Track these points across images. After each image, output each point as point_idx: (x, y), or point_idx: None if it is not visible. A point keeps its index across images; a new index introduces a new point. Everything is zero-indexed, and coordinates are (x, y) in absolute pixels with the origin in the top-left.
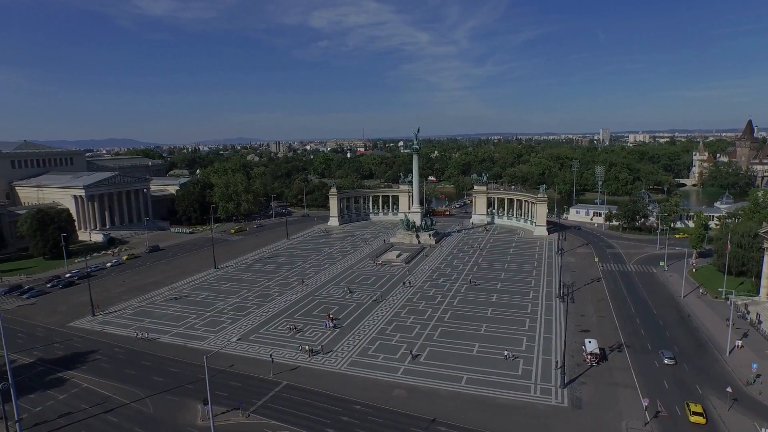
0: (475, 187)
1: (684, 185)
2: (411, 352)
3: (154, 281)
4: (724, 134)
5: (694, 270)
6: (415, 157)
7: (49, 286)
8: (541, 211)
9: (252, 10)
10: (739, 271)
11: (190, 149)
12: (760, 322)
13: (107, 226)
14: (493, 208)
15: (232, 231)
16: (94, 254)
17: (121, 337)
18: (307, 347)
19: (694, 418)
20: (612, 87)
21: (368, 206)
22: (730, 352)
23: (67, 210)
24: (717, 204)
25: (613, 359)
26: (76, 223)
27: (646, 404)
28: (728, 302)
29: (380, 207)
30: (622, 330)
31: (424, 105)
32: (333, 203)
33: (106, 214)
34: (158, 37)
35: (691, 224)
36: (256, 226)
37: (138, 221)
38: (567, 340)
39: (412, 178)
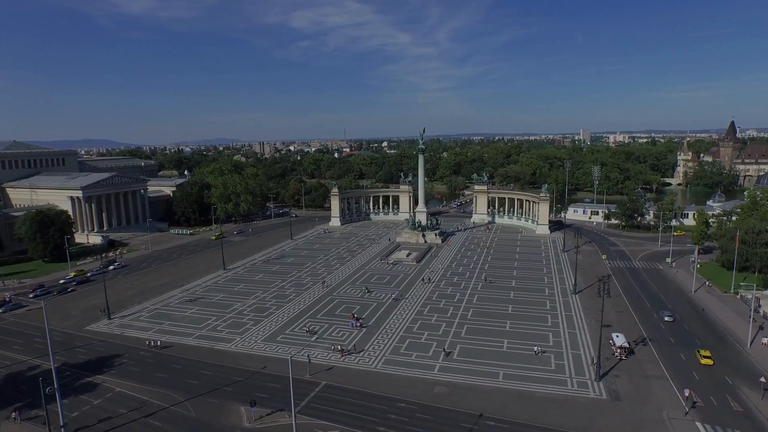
0: (476, 187)
1: (669, 184)
2: (444, 349)
3: (164, 283)
4: (698, 135)
5: (698, 266)
6: (420, 157)
7: (31, 296)
8: (544, 210)
9: (232, 9)
10: (742, 266)
11: (172, 150)
12: None
13: (105, 228)
14: (493, 208)
15: (213, 238)
16: (96, 257)
17: (143, 340)
18: (339, 347)
19: (704, 361)
20: (589, 88)
21: (369, 206)
22: (751, 344)
23: (67, 212)
24: (710, 202)
25: (639, 352)
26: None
27: (687, 394)
28: (738, 296)
29: (380, 207)
30: (642, 324)
31: (405, 105)
32: (334, 203)
33: (104, 215)
34: (136, 36)
35: (686, 222)
36: (236, 232)
37: (135, 222)
38: (598, 335)
39: (412, 178)
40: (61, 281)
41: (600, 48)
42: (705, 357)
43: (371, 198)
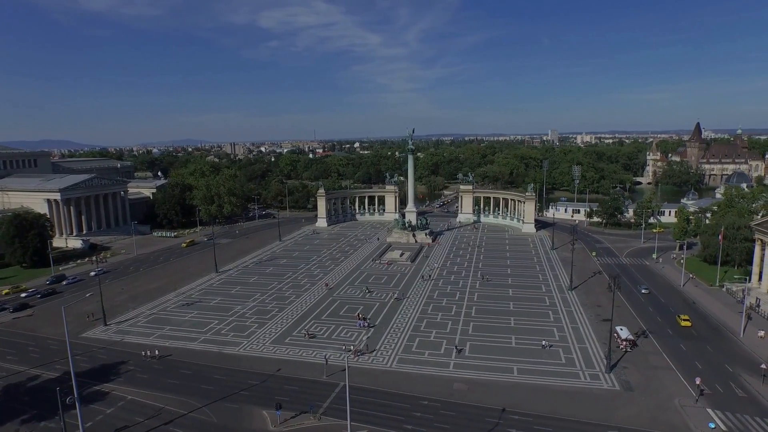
0: (461, 187)
1: (640, 183)
2: (455, 346)
3: (156, 287)
4: (660, 135)
5: (682, 261)
6: (410, 158)
7: None
8: (529, 209)
9: (198, 8)
10: (723, 260)
11: (140, 151)
12: (758, 305)
13: (84, 232)
14: (479, 207)
15: (184, 245)
16: (78, 261)
17: (145, 346)
18: (351, 347)
19: (683, 323)
20: (556, 90)
21: (354, 207)
22: (743, 334)
23: (46, 215)
24: (684, 200)
25: (642, 345)
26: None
27: (698, 382)
28: (724, 289)
29: (366, 207)
30: (640, 317)
31: (374, 106)
32: (321, 204)
33: (83, 218)
34: (98, 33)
35: (663, 219)
36: (206, 239)
37: (116, 225)
38: (602, 329)
39: (397, 178)
40: (23, 295)
41: (565, 51)
42: (684, 320)
43: (356, 198)
